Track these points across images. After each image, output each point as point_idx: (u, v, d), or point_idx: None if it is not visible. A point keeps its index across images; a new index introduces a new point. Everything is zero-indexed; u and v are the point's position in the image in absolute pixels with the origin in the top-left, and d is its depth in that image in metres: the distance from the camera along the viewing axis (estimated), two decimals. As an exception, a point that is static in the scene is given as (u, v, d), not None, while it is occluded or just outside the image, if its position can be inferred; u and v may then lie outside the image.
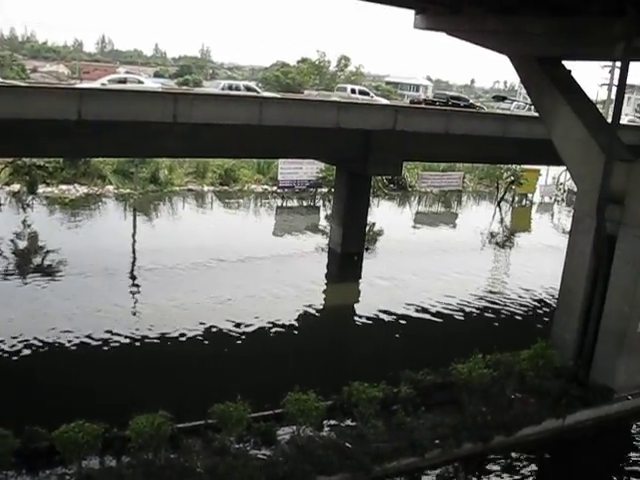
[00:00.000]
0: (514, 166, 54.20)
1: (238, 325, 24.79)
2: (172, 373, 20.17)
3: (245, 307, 26.65)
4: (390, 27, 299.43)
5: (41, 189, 42.90)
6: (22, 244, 33.58)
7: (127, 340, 22.94)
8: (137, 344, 22.80)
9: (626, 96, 20.36)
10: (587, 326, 20.58)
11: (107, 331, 23.23)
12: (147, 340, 23.08)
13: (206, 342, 23.48)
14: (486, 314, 28.86)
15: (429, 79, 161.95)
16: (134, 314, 25.91)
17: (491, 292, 32.00)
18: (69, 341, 22.43)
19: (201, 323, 24.58)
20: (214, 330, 24.27)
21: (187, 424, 15.76)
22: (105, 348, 22.27)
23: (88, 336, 22.80)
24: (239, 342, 23.75)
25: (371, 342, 24.92)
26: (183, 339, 23.35)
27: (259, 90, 42.71)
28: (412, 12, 24.79)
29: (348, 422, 16.86)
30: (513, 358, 19.50)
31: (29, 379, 19.03)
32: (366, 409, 16.58)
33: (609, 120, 21.11)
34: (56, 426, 14.24)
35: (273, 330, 25.00)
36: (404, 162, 36.00)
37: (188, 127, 26.15)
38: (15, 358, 21.12)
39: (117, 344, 22.62)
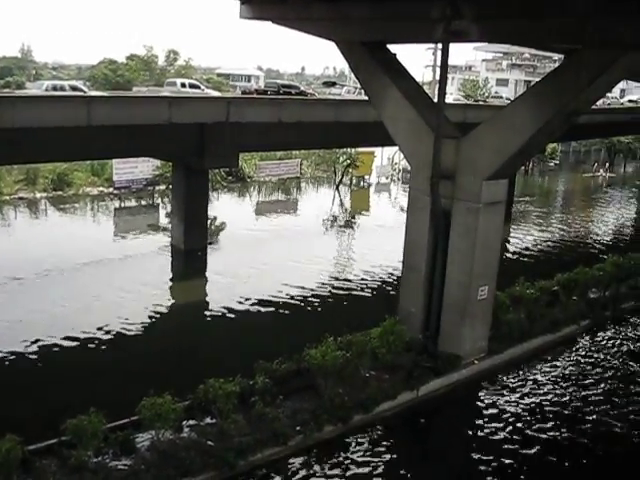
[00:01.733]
0: (349, 149, 55.36)
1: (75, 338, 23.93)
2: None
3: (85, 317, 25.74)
4: (218, 18, 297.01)
5: None
6: None
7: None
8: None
9: (450, 76, 21.15)
10: (431, 299, 21.39)
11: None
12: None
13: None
14: (333, 297, 29.33)
15: (260, 69, 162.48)
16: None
17: (337, 275, 32.57)
18: None
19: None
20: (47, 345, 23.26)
21: (39, 444, 15.01)
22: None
23: None
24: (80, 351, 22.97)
25: (222, 338, 24.77)
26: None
27: (86, 89, 41.20)
28: (237, 2, 24.64)
29: (208, 420, 16.67)
30: (364, 337, 19.87)
31: None
32: (224, 405, 16.43)
33: (435, 100, 21.86)
34: None
35: (118, 335, 24.30)
36: (240, 153, 35.94)
37: (11, 132, 24.80)
38: None
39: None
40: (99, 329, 24.45)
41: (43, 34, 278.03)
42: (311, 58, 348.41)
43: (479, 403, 20.41)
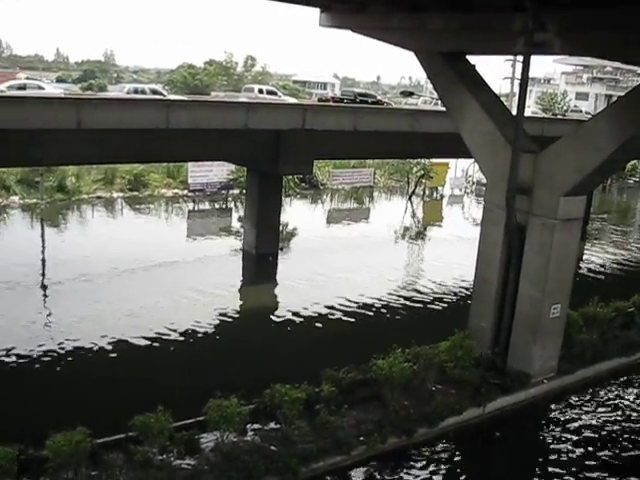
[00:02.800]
0: (424, 160, 55.03)
1: (148, 337, 24.35)
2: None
3: (161, 315, 26.15)
4: (296, 25, 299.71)
5: (-59, 202, 41.19)
6: None
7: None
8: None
9: (528, 89, 20.81)
10: (502, 314, 21.02)
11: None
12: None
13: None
14: (403, 308, 29.11)
15: (336, 77, 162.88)
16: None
17: (406, 287, 32.31)
18: None
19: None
20: (127, 341, 23.76)
21: (107, 439, 15.28)
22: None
23: None
24: (157, 351, 23.35)
25: (290, 343, 24.83)
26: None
27: (165, 93, 42.08)
28: (317, 10, 24.79)
29: (272, 425, 16.71)
30: (432, 350, 19.69)
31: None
32: (289, 410, 16.45)
33: (514, 113, 21.54)
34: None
35: (192, 336, 24.63)
36: (315, 160, 36.06)
37: (93, 133, 25.48)
38: None
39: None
40: (173, 330, 24.93)
41: (125, 39, 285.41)
42: (387, 67, 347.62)
43: (547, 423, 19.97)
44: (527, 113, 21.42)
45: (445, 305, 29.94)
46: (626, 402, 21.53)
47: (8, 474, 13.61)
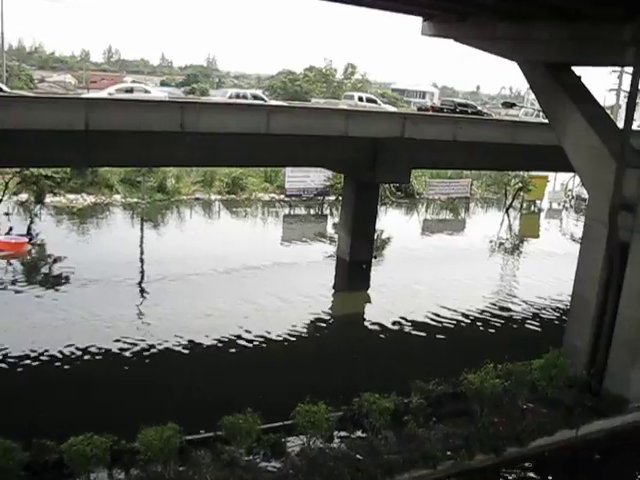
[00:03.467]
0: (522, 172, 54.00)
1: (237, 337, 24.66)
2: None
3: (256, 318, 26.55)
4: (394, 34, 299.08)
5: (48, 199, 42.87)
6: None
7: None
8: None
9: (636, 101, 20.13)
10: (600, 335, 20.33)
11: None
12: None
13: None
14: (495, 323, 28.61)
15: (435, 86, 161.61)
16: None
17: (498, 301, 31.70)
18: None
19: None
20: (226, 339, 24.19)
21: (196, 436, 15.58)
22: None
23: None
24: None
25: (380, 351, 24.72)
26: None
27: (266, 98, 42.61)
28: (419, 19, 24.71)
29: (359, 433, 16.66)
30: (525, 368, 19.22)
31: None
32: (377, 420, 16.36)
33: (620, 126, 20.89)
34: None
35: (285, 340, 24.87)
36: (412, 169, 35.84)
37: (195, 136, 26.06)
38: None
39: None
40: (268, 332, 25.27)
41: (227, 45, 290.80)
42: (487, 77, 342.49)
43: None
44: (634, 127, 20.67)
45: (539, 322, 29.22)
46: None
47: (101, 462, 14.05)
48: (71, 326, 24.44)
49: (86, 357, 22.13)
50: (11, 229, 35.71)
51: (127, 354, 22.62)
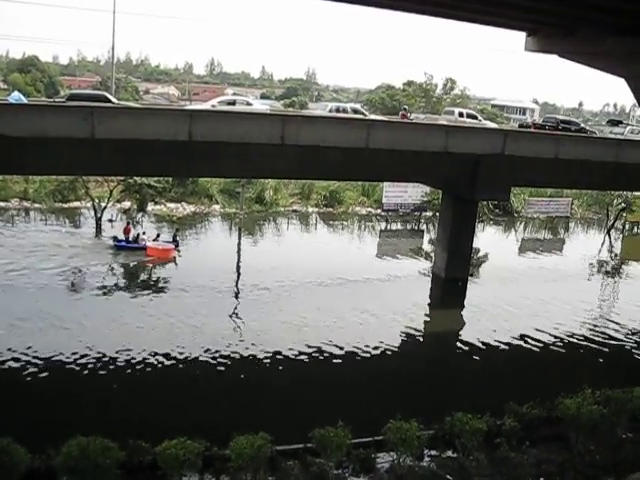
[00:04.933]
0: (626, 192, 52.39)
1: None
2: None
3: (347, 331, 26.73)
4: (495, 49, 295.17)
5: (150, 207, 44.18)
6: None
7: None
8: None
9: None
10: None
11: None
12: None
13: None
14: (587, 348, 27.77)
15: (535, 102, 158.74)
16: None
17: (595, 325, 30.72)
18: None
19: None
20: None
21: (286, 447, 15.68)
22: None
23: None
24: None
25: (472, 371, 24.47)
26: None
27: (366, 113, 42.73)
28: (522, 34, 24.44)
29: (449, 453, 16.43)
30: (625, 395, 18.58)
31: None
32: (469, 441, 16.11)
33: None
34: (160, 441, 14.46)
35: (377, 356, 24.89)
36: (512, 187, 35.30)
37: (296, 149, 26.43)
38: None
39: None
40: (358, 347, 25.31)
41: (326, 58, 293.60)
42: (589, 93, 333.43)
43: None
44: None
45: (635, 349, 28.25)
46: None
47: (193, 467, 14.32)
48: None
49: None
50: (158, 235, 37.95)
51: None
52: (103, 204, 41.55)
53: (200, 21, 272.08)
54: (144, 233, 37.82)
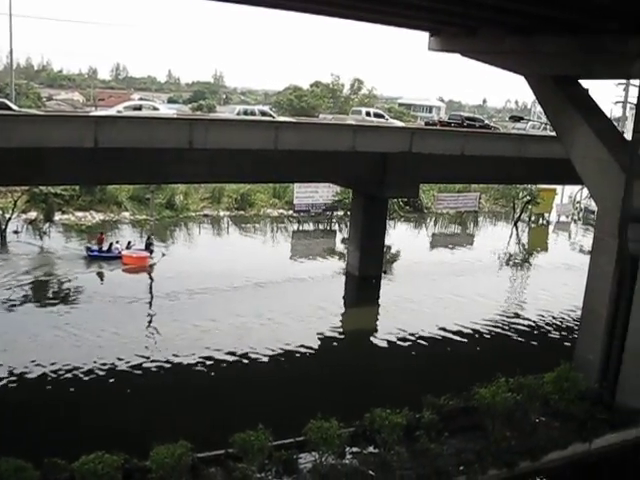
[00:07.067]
0: (530, 185, 53.99)
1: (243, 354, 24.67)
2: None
3: (262, 333, 26.64)
4: (400, 48, 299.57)
5: (57, 216, 43.08)
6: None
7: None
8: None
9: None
10: (611, 347, 20.27)
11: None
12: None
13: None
14: (500, 338, 28.56)
15: (441, 100, 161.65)
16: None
17: (507, 316, 31.57)
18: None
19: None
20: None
21: (208, 453, 15.53)
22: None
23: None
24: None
25: (388, 367, 24.79)
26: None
27: (274, 114, 42.71)
28: (426, 34, 24.76)
29: (371, 449, 16.55)
30: (536, 382, 19.13)
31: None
32: (389, 436, 16.27)
33: (627, 138, 20.89)
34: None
35: (294, 356, 24.90)
36: (420, 184, 35.87)
37: (204, 153, 26.18)
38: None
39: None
40: (272, 347, 25.19)
41: (234, 61, 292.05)
42: (492, 90, 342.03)
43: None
44: None
45: (549, 336, 29.13)
46: None
47: (113, 481, 14.01)
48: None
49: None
50: (130, 243, 37.64)
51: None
52: (7, 215, 40.28)
53: (104, 25, 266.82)
54: (117, 242, 37.55)
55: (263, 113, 38.86)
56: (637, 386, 19.68)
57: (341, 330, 28.60)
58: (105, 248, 36.90)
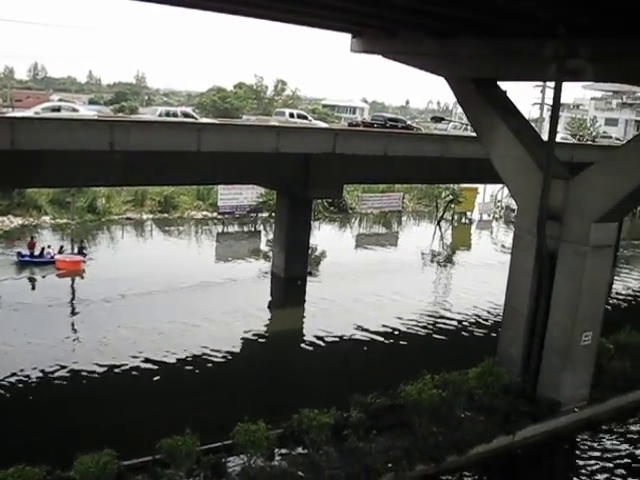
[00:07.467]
0: (453, 185, 54.96)
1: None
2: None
3: (187, 337, 26.34)
4: (325, 50, 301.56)
5: (-27, 222, 41.82)
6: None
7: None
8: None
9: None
10: (532, 342, 20.80)
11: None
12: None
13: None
14: (427, 335, 29.01)
15: (365, 101, 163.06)
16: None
17: (432, 313, 32.09)
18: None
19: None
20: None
21: (134, 461, 15.28)
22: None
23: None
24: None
25: (315, 367, 24.91)
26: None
27: (197, 116, 42.37)
28: (349, 36, 24.93)
29: (299, 450, 16.59)
30: (461, 377, 19.51)
31: None
32: (317, 436, 16.33)
33: (544, 138, 21.46)
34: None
35: (221, 359, 24.71)
36: (344, 184, 36.10)
37: (126, 155, 25.76)
38: None
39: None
40: (196, 351, 24.97)
41: (156, 61, 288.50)
42: (416, 92, 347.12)
43: (578, 452, 19.67)
44: (557, 139, 21.25)
45: (473, 332, 29.71)
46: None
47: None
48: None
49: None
50: (62, 247, 36.96)
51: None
52: None
53: (21, 23, 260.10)
54: (49, 246, 36.57)
55: (185, 115, 38.59)
56: (556, 378, 20.28)
57: (266, 332, 28.53)
58: (37, 253, 36.02)
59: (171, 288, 32.48)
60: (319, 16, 21.30)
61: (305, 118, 46.51)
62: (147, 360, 23.93)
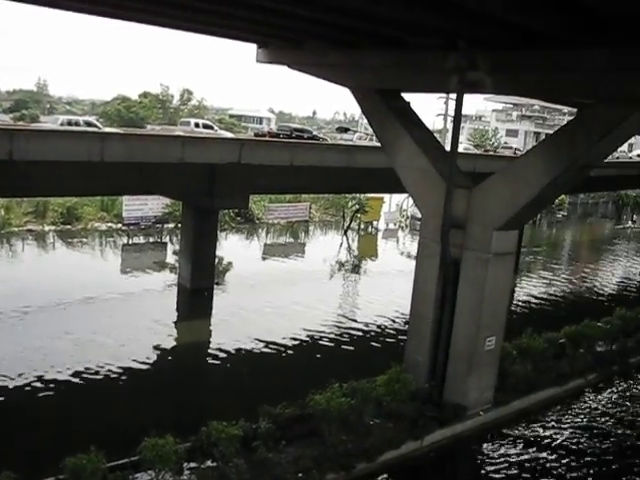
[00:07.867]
0: (359, 195, 55.58)
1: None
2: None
3: (94, 352, 25.67)
4: (232, 60, 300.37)
5: None
6: None
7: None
8: None
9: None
10: (438, 348, 21.21)
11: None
12: None
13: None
14: (335, 343, 29.17)
15: (272, 111, 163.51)
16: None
17: (341, 321, 32.30)
18: None
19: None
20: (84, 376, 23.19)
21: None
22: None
23: None
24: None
25: (222, 380, 24.82)
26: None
27: (100, 125, 41.64)
28: (254, 46, 24.91)
29: (209, 463, 16.39)
30: (369, 385, 19.69)
31: None
32: (226, 448, 16.18)
33: (447, 149, 21.95)
34: None
35: (124, 374, 24.20)
36: (250, 195, 36.04)
37: (25, 165, 24.99)
38: None
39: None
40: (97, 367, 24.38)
41: (59, 68, 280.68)
42: (322, 102, 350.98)
43: (483, 455, 20.13)
44: (460, 149, 21.81)
45: (380, 339, 30.06)
46: (559, 430, 21.87)
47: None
48: None
49: None
50: None
51: None
52: None
53: None
54: None
55: (89, 124, 37.95)
56: (462, 383, 20.72)
57: (173, 345, 28.07)
58: None
59: (75, 302, 31.60)
60: (220, 25, 21.17)
61: (211, 128, 46.42)
62: (39, 379, 23.00)
